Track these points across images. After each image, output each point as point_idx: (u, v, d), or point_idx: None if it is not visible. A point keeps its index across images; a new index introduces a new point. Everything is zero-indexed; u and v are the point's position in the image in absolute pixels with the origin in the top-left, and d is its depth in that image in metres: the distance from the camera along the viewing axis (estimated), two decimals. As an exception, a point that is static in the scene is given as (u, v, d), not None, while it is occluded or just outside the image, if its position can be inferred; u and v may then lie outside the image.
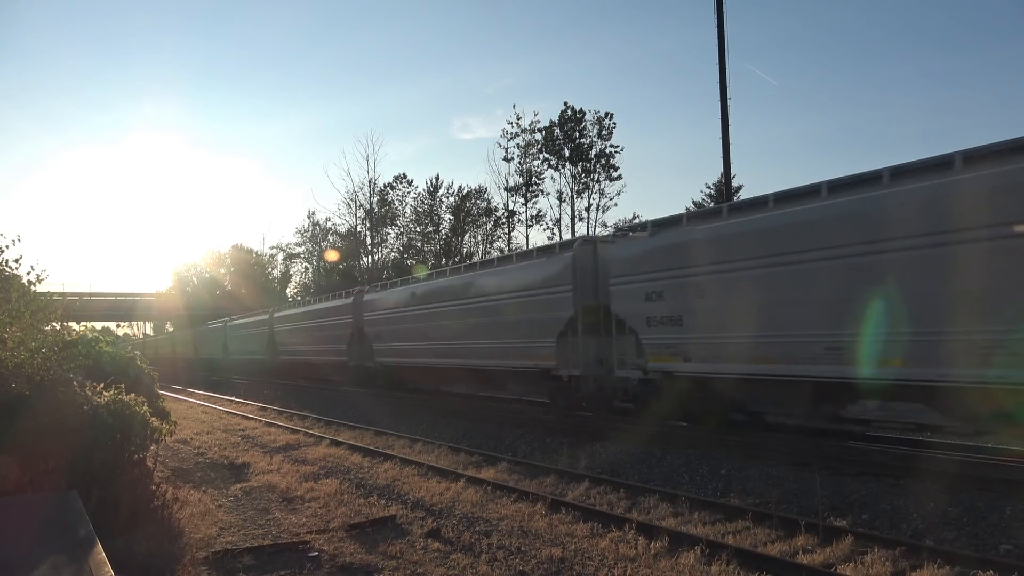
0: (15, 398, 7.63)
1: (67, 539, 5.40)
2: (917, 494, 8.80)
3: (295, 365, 36.79)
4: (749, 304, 12.15)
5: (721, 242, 12.76)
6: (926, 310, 9.86)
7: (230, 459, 13.23)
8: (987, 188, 9.38)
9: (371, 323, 27.50)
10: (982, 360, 9.27)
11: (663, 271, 13.81)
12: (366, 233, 59.94)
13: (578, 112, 51.94)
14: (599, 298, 16.00)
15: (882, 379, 10.43)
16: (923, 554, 6.65)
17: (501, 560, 6.89)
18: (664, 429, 13.98)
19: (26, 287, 9.18)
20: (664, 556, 6.82)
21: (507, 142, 52.98)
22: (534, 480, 10.55)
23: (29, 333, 8.59)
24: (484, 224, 58.66)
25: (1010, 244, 9.11)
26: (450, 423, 17.68)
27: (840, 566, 6.53)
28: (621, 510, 8.70)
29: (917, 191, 10.13)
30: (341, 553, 7.25)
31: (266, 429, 17.55)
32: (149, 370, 13.77)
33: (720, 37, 24.82)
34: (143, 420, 8.02)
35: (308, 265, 73.37)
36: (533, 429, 15.93)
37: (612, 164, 51.70)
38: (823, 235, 11.00)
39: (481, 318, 19.92)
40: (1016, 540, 7.23)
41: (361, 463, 12.22)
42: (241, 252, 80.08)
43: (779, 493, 9.43)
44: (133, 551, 6.66)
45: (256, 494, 10.17)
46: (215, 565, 7.01)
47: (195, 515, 8.55)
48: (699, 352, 13.24)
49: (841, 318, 10.75)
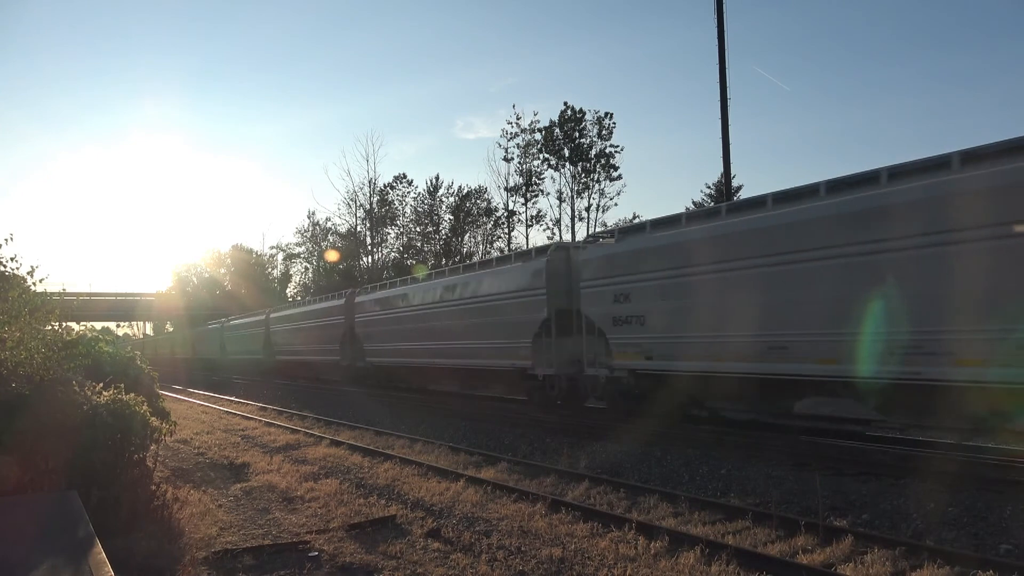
0: (15, 398, 7.64)
1: (67, 539, 5.40)
2: (917, 494, 8.80)
3: (290, 364, 37.41)
4: (703, 305, 13.14)
5: (678, 248, 13.75)
6: (850, 313, 10.75)
7: (230, 459, 13.22)
8: (907, 202, 10.24)
9: (362, 324, 28.36)
10: (895, 357, 10.29)
11: (628, 275, 14.75)
12: (366, 233, 60.02)
13: (578, 112, 51.97)
14: (572, 301, 16.85)
15: (817, 376, 11.49)
16: (923, 554, 6.65)
17: (501, 560, 6.89)
18: (664, 429, 13.99)
19: (25, 287, 9.17)
20: (664, 556, 6.82)
21: (507, 142, 53.10)
22: (534, 480, 10.54)
23: (28, 333, 8.59)
24: (484, 224, 58.71)
25: (917, 253, 10.11)
26: (450, 423, 17.69)
27: (840, 566, 6.52)
28: (621, 510, 8.69)
29: (836, 205, 11.12)
30: (341, 553, 7.25)
31: (266, 429, 17.54)
32: (149, 370, 13.73)
33: (720, 37, 24.85)
34: (143, 420, 8.01)
35: (308, 265, 73.43)
36: (533, 429, 15.93)
37: (612, 164, 51.77)
38: (764, 243, 12.07)
39: (464, 320, 20.83)
40: (1016, 540, 7.23)
41: (361, 463, 12.21)
42: (241, 252, 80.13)
43: (779, 493, 9.43)
44: (133, 551, 6.66)
45: (256, 494, 10.16)
46: (215, 565, 7.00)
47: (195, 515, 8.55)
48: (660, 350, 14.16)
49: (782, 319, 11.79)
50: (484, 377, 21.41)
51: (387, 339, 26.19)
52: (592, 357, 16.06)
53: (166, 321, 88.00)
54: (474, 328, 20.26)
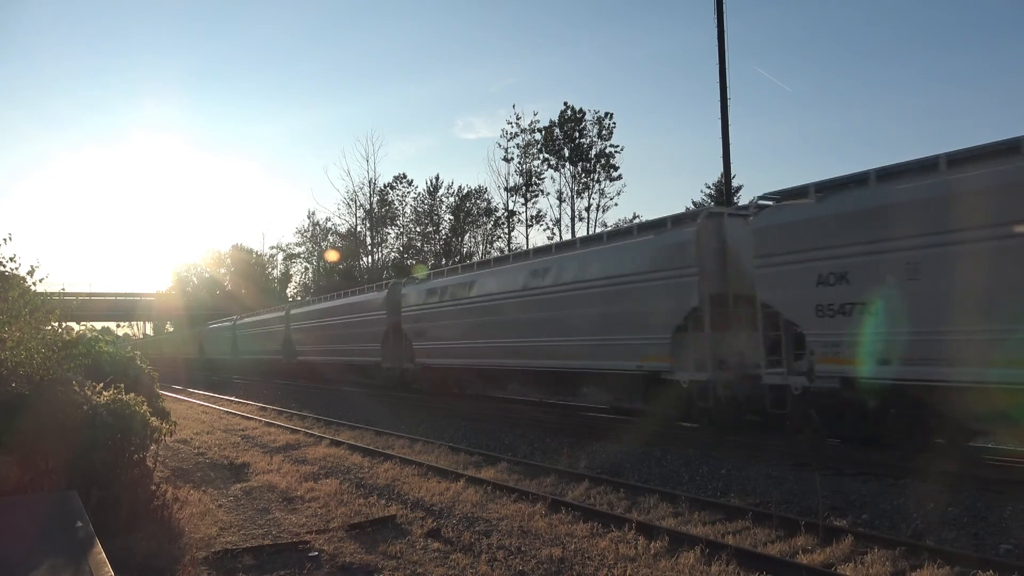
0: (15, 398, 7.64)
1: (67, 539, 5.40)
2: (917, 494, 8.80)
3: (314, 366, 34.05)
4: (974, 286, 9.46)
5: (940, 203, 9.78)
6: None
7: (230, 459, 13.22)
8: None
9: (410, 319, 24.85)
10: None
11: (846, 246, 10.94)
12: (366, 233, 60.03)
13: (578, 112, 51.97)
14: (727, 284, 13.62)
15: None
16: (923, 554, 6.64)
17: (501, 560, 6.89)
18: (664, 429, 13.96)
19: (25, 286, 9.17)
20: (664, 556, 6.82)
21: (507, 142, 53.15)
22: (534, 480, 10.54)
23: (28, 333, 8.59)
24: (484, 224, 58.72)
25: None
26: (450, 423, 17.69)
27: (840, 566, 6.52)
28: (621, 510, 8.69)
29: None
30: (341, 553, 7.25)
31: (266, 429, 17.55)
32: (149, 370, 13.73)
33: (720, 37, 24.86)
34: (143, 420, 8.01)
35: (308, 265, 73.50)
36: (533, 429, 15.93)
37: (612, 164, 51.80)
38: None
39: (560, 310, 17.17)
40: (1016, 540, 7.23)
41: (361, 463, 12.21)
42: (241, 252, 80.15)
43: (779, 493, 9.43)
44: (133, 551, 6.66)
45: (256, 494, 10.16)
46: (215, 565, 7.00)
47: (195, 515, 8.55)
48: (901, 351, 10.30)
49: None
50: (581, 382, 17.58)
51: (445, 336, 22.56)
52: (776, 359, 12.35)
53: (166, 321, 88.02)
54: (575, 320, 16.67)
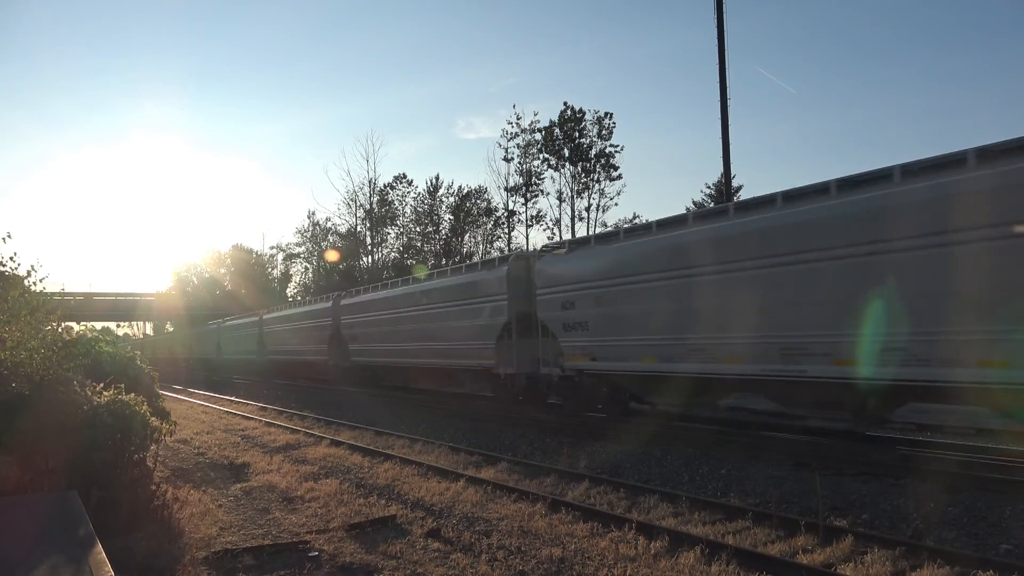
0: (15, 398, 7.63)
1: (67, 539, 5.40)
2: (917, 494, 8.80)
3: (282, 364, 38.77)
4: (636, 312, 14.54)
5: (613, 259, 15.35)
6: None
7: (230, 459, 13.22)
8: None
9: (347, 325, 29.85)
10: (785, 357, 11.48)
11: (574, 284, 16.24)
12: (366, 233, 59.99)
13: (578, 112, 51.91)
14: (531, 306, 18.25)
15: (730, 375, 12.71)
16: (923, 554, 6.65)
17: (501, 560, 6.89)
18: (664, 429, 14.01)
19: (25, 286, 9.16)
20: (664, 556, 6.82)
21: (507, 142, 53.04)
22: (534, 480, 10.54)
23: (28, 333, 8.58)
24: (484, 224, 58.69)
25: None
26: (450, 423, 17.70)
27: (840, 566, 6.53)
28: (621, 510, 8.70)
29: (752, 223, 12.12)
30: (341, 553, 7.25)
31: (266, 429, 17.55)
32: (149, 370, 13.72)
33: (720, 37, 24.85)
34: (143, 420, 8.01)
35: (308, 265, 73.40)
36: (533, 429, 15.94)
37: (612, 164, 51.69)
38: (691, 255, 13.24)
39: (435, 323, 22.54)
40: (1016, 540, 7.23)
41: (361, 463, 12.21)
42: (241, 252, 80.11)
43: (779, 493, 9.43)
44: (133, 551, 6.66)
45: (256, 494, 10.16)
46: (215, 565, 7.00)
47: (195, 515, 8.55)
48: (603, 353, 15.65)
49: (693, 324, 13.18)
50: (455, 375, 22.87)
51: (370, 340, 27.70)
52: (547, 357, 17.71)
53: (166, 321, 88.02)
54: (444, 331, 21.83)
